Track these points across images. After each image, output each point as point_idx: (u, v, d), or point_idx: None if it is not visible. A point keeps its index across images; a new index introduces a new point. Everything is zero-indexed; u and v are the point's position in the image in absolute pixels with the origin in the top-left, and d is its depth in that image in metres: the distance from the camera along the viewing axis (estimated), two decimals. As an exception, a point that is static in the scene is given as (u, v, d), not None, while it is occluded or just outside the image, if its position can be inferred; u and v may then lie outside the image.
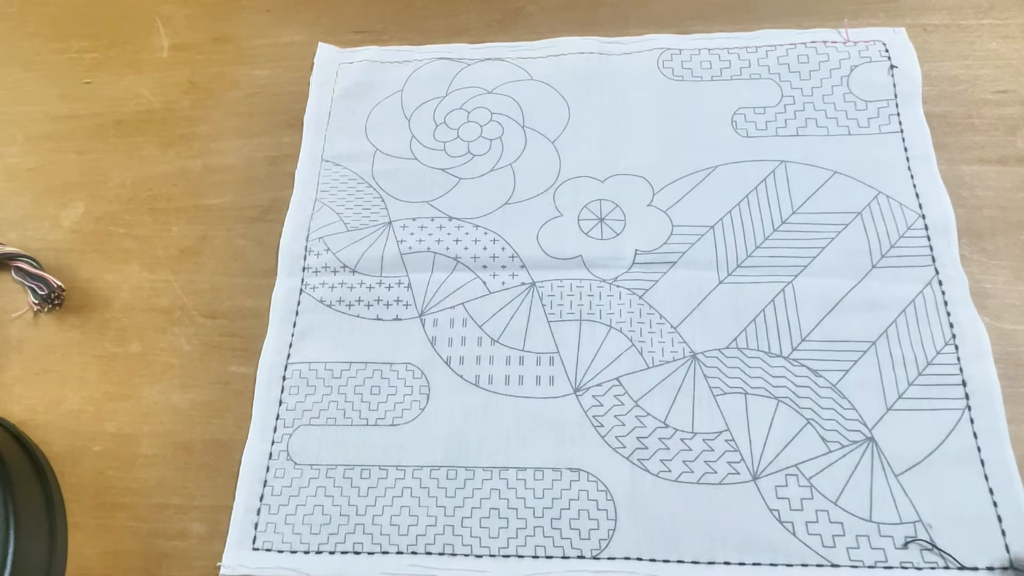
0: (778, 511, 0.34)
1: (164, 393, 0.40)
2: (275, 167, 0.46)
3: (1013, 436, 0.35)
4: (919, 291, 0.38)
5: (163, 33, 0.51)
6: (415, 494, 0.36)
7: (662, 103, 0.44)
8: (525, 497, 0.36)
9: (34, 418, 0.40)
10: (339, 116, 0.46)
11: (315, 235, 0.43)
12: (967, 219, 0.40)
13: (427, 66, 0.48)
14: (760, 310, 0.38)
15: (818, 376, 0.37)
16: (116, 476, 0.39)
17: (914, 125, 0.42)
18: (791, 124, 0.43)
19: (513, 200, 0.43)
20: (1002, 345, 0.37)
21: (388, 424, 0.38)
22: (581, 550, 0.34)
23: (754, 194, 0.41)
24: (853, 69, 0.44)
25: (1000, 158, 0.41)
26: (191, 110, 0.48)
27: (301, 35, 0.50)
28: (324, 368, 0.39)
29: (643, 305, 0.39)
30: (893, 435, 0.35)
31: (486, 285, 0.40)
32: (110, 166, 0.47)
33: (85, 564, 0.37)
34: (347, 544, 0.35)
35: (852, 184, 0.41)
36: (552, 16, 0.49)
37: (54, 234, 0.45)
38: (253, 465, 0.37)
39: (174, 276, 0.43)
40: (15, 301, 0.43)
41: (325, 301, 0.41)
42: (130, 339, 0.42)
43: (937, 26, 0.45)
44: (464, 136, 0.45)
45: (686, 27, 0.47)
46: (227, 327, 0.41)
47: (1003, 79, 0.44)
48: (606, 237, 0.41)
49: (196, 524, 0.37)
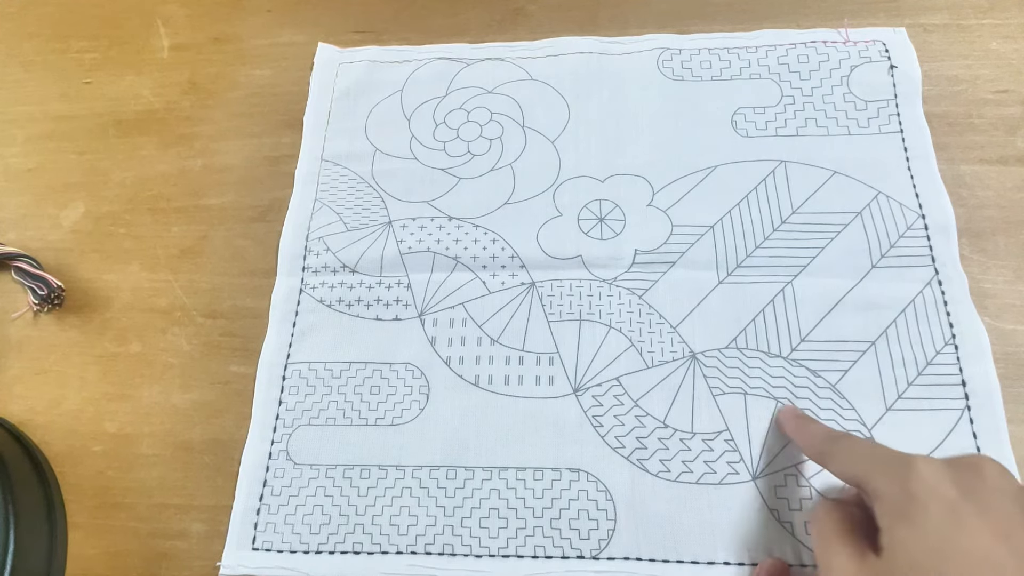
0: (777, 511, 0.34)
1: (164, 393, 0.40)
2: (275, 167, 0.46)
3: (1013, 436, 0.35)
4: (919, 291, 0.38)
5: (163, 33, 0.51)
6: (415, 494, 0.36)
7: (662, 103, 0.44)
8: (524, 497, 0.36)
9: (34, 418, 0.40)
10: (339, 116, 0.46)
11: (315, 235, 0.43)
12: (967, 219, 0.40)
13: (427, 66, 0.48)
14: (760, 310, 0.38)
15: (817, 376, 0.37)
16: (116, 476, 0.39)
17: (914, 125, 0.42)
18: (791, 124, 0.43)
19: (513, 200, 0.43)
20: (1002, 345, 0.37)
21: (388, 424, 0.38)
22: (580, 550, 0.34)
23: (754, 194, 0.41)
24: (853, 69, 0.44)
25: (1000, 158, 0.41)
26: (191, 110, 0.48)
27: (301, 35, 0.50)
28: (324, 368, 0.39)
29: (643, 305, 0.39)
30: (893, 435, 0.35)
31: (486, 285, 0.41)
32: (110, 166, 0.47)
33: (85, 564, 0.37)
34: (347, 544, 0.35)
35: (852, 184, 0.41)
36: (552, 16, 0.49)
37: (54, 234, 0.45)
38: (253, 465, 0.37)
39: (174, 276, 0.43)
40: (15, 301, 0.43)
41: (325, 301, 0.41)
42: (130, 339, 0.42)
43: (937, 26, 0.45)
44: (464, 136, 0.45)
45: (686, 27, 0.47)
46: (227, 327, 0.42)
47: (1003, 79, 0.44)
48: (606, 237, 0.41)
49: (196, 524, 0.37)
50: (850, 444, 0.31)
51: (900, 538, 0.26)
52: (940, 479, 0.26)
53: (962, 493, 0.26)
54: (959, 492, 0.26)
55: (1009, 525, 0.25)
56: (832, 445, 0.31)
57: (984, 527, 0.25)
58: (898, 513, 0.26)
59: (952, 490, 0.26)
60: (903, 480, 0.26)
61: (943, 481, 0.26)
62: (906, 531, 0.26)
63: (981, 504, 0.25)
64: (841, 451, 0.30)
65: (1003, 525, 0.25)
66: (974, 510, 0.25)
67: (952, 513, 0.25)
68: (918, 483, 0.26)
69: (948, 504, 0.25)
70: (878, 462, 0.28)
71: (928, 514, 0.25)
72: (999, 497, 0.26)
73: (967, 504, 0.25)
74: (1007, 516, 0.25)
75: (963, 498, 0.25)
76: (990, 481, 0.26)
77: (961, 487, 0.26)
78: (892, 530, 0.26)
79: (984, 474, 0.26)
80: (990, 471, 0.27)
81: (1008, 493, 0.26)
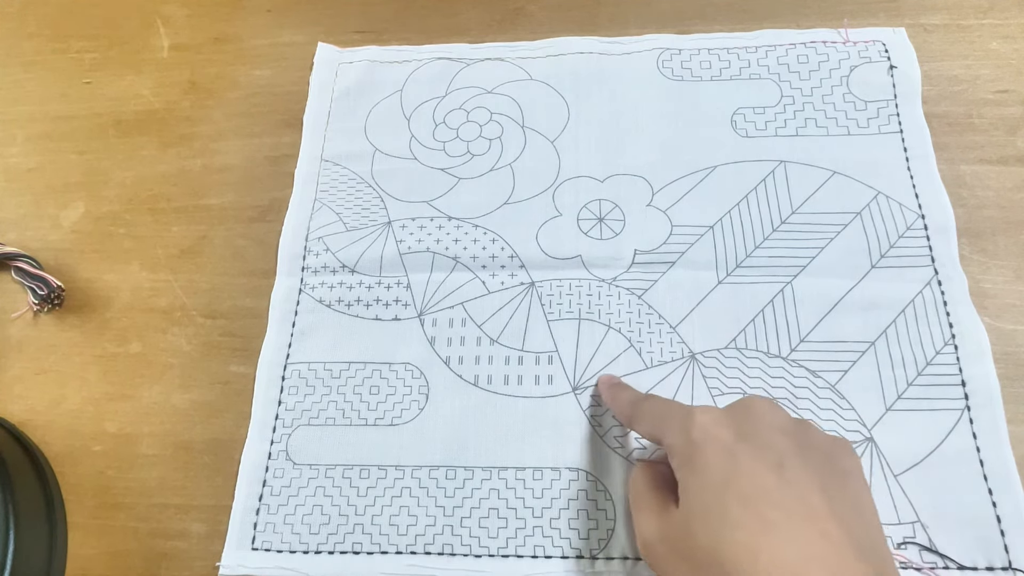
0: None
1: (164, 393, 0.40)
2: (275, 167, 0.46)
3: (1013, 436, 0.35)
4: (918, 291, 0.38)
5: (163, 33, 0.51)
6: (414, 494, 0.36)
7: (662, 103, 0.44)
8: (524, 497, 0.36)
9: (34, 418, 0.40)
10: (339, 116, 0.46)
11: (314, 235, 0.43)
12: (967, 219, 0.40)
13: (427, 66, 0.48)
14: (759, 310, 0.38)
15: (817, 377, 0.37)
16: (116, 476, 0.39)
17: (914, 125, 0.42)
18: (791, 124, 0.43)
19: (512, 200, 0.43)
20: (1002, 345, 0.37)
21: (387, 424, 0.38)
22: (580, 550, 0.34)
23: (753, 194, 0.41)
24: (853, 69, 0.44)
25: (1000, 158, 0.41)
26: (191, 110, 0.48)
27: (301, 35, 0.50)
28: (323, 368, 0.39)
29: (642, 305, 0.39)
30: (892, 435, 0.35)
31: (485, 285, 0.41)
32: (110, 166, 0.47)
33: (85, 564, 0.37)
34: (346, 544, 0.35)
35: (851, 184, 0.41)
36: (552, 16, 0.49)
37: (54, 234, 0.45)
38: (252, 465, 0.37)
39: (174, 276, 0.43)
40: (15, 301, 0.43)
41: (324, 301, 0.41)
42: (130, 339, 0.42)
43: (937, 26, 0.45)
44: (463, 136, 0.45)
45: (686, 27, 0.47)
46: (227, 327, 0.42)
47: (1003, 79, 0.43)
48: (605, 237, 0.41)
49: (196, 524, 0.37)
50: (649, 405, 0.32)
51: (689, 485, 0.27)
52: (716, 424, 0.28)
53: (736, 434, 0.27)
54: (734, 433, 0.27)
55: (780, 456, 0.26)
56: (635, 408, 0.33)
57: (758, 462, 0.26)
58: (685, 462, 0.28)
59: (727, 433, 0.28)
60: (686, 431, 0.28)
61: (719, 426, 0.28)
62: (693, 477, 0.27)
63: (755, 441, 0.27)
64: (643, 413, 0.32)
65: (774, 457, 0.26)
66: (748, 448, 0.27)
67: (729, 454, 0.27)
68: (697, 431, 0.28)
69: (724, 446, 0.27)
70: (667, 418, 0.30)
71: (708, 458, 0.27)
72: (769, 432, 0.27)
73: (741, 444, 0.27)
74: (778, 448, 0.27)
75: (737, 439, 0.27)
76: (761, 418, 0.28)
77: (735, 429, 0.28)
78: (683, 479, 0.28)
79: (754, 412, 0.28)
80: (759, 408, 0.29)
81: (777, 426, 0.28)
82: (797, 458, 0.26)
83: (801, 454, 0.27)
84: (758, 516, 0.25)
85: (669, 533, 0.27)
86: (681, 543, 0.27)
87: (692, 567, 0.26)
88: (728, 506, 0.25)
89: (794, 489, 0.25)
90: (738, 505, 0.25)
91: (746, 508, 0.25)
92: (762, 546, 0.24)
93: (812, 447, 0.27)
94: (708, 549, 0.25)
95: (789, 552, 0.24)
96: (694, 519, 0.26)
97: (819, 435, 0.28)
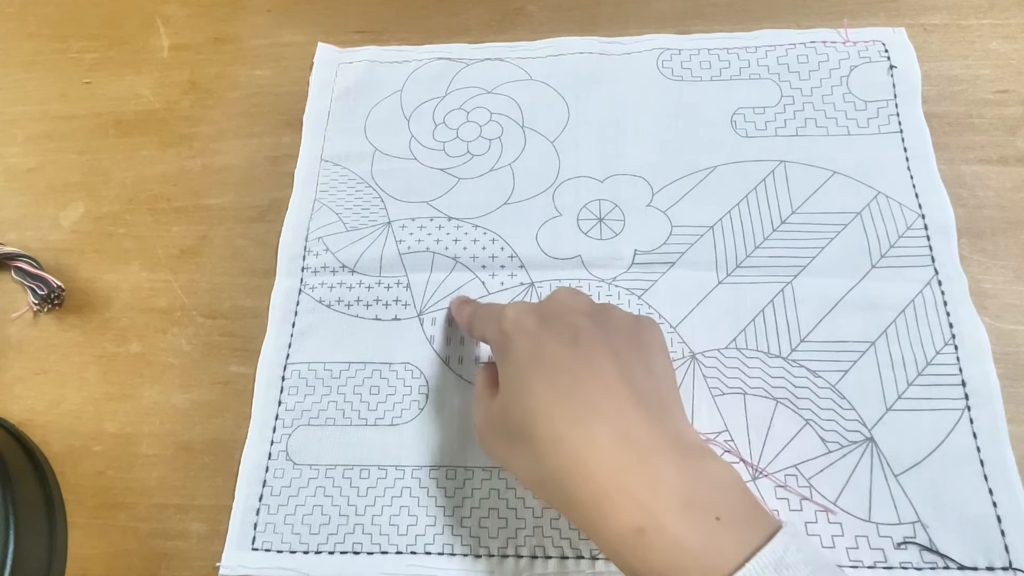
0: (777, 511, 0.34)
1: (164, 393, 0.40)
2: (275, 167, 0.46)
3: (1013, 436, 0.35)
4: (919, 291, 0.38)
5: (163, 33, 0.51)
6: (414, 494, 0.36)
7: (661, 103, 0.44)
8: (524, 497, 0.36)
9: (34, 418, 0.40)
10: (338, 116, 0.46)
11: (314, 235, 0.43)
12: (967, 219, 0.40)
13: (427, 66, 0.48)
14: (759, 310, 0.38)
15: (817, 376, 0.37)
16: (116, 476, 0.39)
17: (914, 125, 0.42)
18: (791, 124, 0.43)
19: (512, 200, 0.43)
20: (1002, 345, 0.37)
21: (387, 424, 0.38)
22: (580, 550, 0.34)
23: (753, 194, 0.41)
24: (852, 69, 0.44)
25: (1000, 158, 0.41)
26: (191, 110, 0.48)
27: (301, 35, 0.50)
28: (323, 368, 0.39)
29: (642, 305, 0.39)
30: (892, 435, 0.35)
31: (485, 285, 0.41)
32: (110, 166, 0.47)
33: (85, 564, 0.37)
34: (346, 544, 0.35)
35: (851, 184, 0.41)
36: (552, 16, 0.49)
37: (54, 234, 0.45)
38: (252, 465, 0.37)
39: (174, 276, 0.43)
40: (15, 301, 0.43)
41: (324, 301, 0.41)
42: (130, 339, 0.42)
43: (937, 26, 0.45)
44: (463, 136, 0.45)
45: (686, 27, 0.47)
46: (227, 327, 0.42)
47: (1003, 79, 0.43)
48: (605, 237, 0.41)
49: (196, 524, 0.37)
50: (481, 311, 0.35)
51: (503, 373, 0.30)
52: (523, 315, 0.31)
53: (540, 321, 0.30)
54: (537, 320, 0.30)
55: (575, 335, 0.29)
56: (472, 316, 0.35)
57: (557, 343, 0.29)
58: (500, 353, 0.30)
59: (532, 320, 0.30)
60: (499, 325, 0.31)
61: (525, 316, 0.30)
62: (505, 364, 0.30)
63: (555, 326, 0.29)
64: (476, 319, 0.35)
65: (572, 334, 0.29)
66: (549, 330, 0.29)
67: (533, 339, 0.29)
68: (507, 323, 0.30)
69: (529, 333, 0.30)
70: (487, 318, 0.33)
71: (516, 345, 0.29)
72: (571, 315, 0.30)
73: (543, 328, 0.29)
74: (574, 328, 0.29)
75: (540, 325, 0.30)
76: (563, 303, 0.31)
77: (539, 316, 0.30)
78: (501, 369, 0.30)
79: (557, 299, 0.31)
80: (562, 296, 0.32)
81: (577, 309, 0.30)
82: (592, 333, 0.29)
83: (597, 329, 0.29)
84: (553, 385, 0.27)
85: (492, 418, 0.30)
86: (500, 424, 0.29)
87: (510, 442, 0.29)
88: (532, 383, 0.28)
89: (585, 357, 0.28)
90: (540, 380, 0.28)
91: (545, 381, 0.28)
92: (555, 409, 0.27)
93: (610, 324, 0.30)
94: (519, 423, 0.28)
95: (576, 409, 0.26)
96: (508, 400, 0.29)
97: (619, 314, 0.31)
